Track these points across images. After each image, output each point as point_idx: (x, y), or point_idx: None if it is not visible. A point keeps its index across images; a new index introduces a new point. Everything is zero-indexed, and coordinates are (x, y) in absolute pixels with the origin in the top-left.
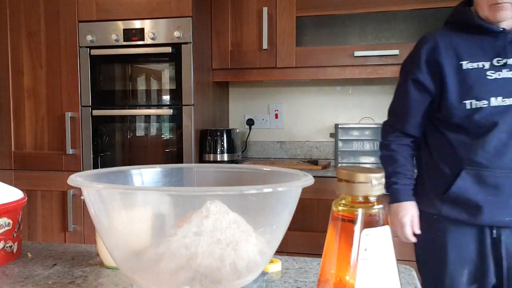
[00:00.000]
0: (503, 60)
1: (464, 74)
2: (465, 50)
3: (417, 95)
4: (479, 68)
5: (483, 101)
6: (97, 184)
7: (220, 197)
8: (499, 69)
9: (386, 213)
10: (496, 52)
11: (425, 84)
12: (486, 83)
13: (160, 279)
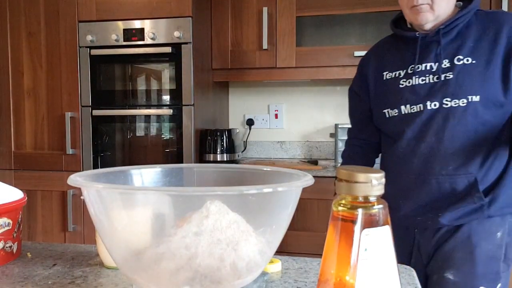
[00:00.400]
0: (415, 66)
1: (384, 84)
2: (388, 61)
3: (357, 104)
4: (395, 78)
5: (395, 109)
6: (97, 184)
7: (220, 197)
8: (410, 77)
9: (386, 213)
10: (412, 59)
11: (360, 95)
12: (398, 91)
13: (160, 279)
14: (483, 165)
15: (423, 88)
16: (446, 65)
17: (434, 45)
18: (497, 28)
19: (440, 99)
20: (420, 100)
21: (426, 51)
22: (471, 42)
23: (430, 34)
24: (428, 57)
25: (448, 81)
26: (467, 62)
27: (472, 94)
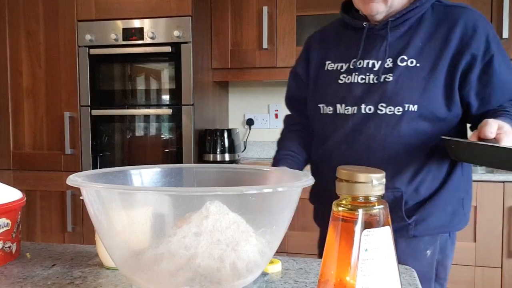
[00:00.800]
0: (357, 62)
1: (325, 76)
2: (332, 50)
3: (299, 87)
4: (336, 70)
5: (330, 107)
6: (96, 184)
7: (220, 197)
8: (350, 73)
9: (387, 214)
10: (355, 53)
11: (303, 79)
12: (337, 87)
13: (160, 279)
14: (413, 180)
15: (360, 88)
16: (389, 65)
17: (381, 39)
18: (450, 26)
19: (376, 103)
20: (355, 102)
21: (371, 45)
22: (419, 41)
23: (378, 26)
24: (372, 53)
25: (386, 84)
26: (411, 64)
27: (410, 102)
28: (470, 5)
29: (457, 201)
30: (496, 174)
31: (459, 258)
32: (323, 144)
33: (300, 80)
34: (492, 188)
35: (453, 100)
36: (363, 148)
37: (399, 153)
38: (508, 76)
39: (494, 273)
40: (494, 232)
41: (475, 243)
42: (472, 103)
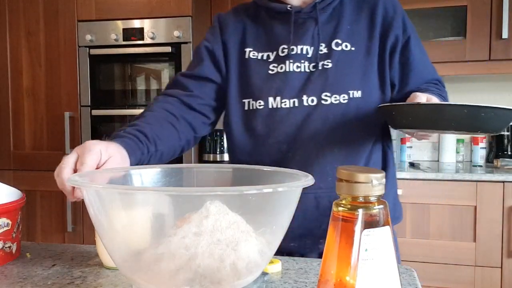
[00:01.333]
0: (289, 48)
1: (247, 65)
2: (251, 35)
3: (209, 65)
4: (262, 60)
5: (260, 101)
6: (96, 184)
7: (220, 197)
8: (283, 61)
9: (387, 213)
10: (284, 39)
11: (217, 58)
12: (266, 78)
13: (160, 279)
14: None
15: (299, 78)
16: (323, 51)
17: (311, 23)
18: (371, 7)
19: (319, 93)
20: (295, 94)
21: (301, 30)
22: (347, 23)
23: (305, 9)
24: (304, 38)
25: (326, 70)
26: (346, 48)
27: (354, 88)
28: (469, 5)
29: (394, 192)
30: (496, 174)
31: (459, 258)
32: (256, 146)
33: (217, 62)
34: (492, 188)
35: (386, 83)
36: (310, 146)
37: (349, 146)
38: (422, 57)
39: (494, 273)
40: (494, 232)
41: (475, 243)
42: (397, 85)
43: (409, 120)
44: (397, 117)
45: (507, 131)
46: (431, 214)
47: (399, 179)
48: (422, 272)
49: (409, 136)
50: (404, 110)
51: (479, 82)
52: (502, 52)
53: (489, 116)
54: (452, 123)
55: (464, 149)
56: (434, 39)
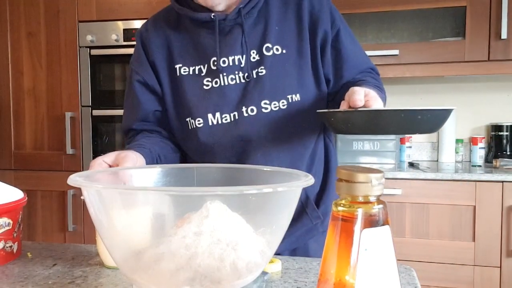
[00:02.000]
0: (219, 60)
1: (180, 83)
2: (178, 49)
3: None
4: (194, 75)
5: (199, 119)
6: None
7: (220, 197)
8: (216, 75)
9: (386, 213)
10: (211, 51)
11: (152, 86)
12: (202, 95)
13: (160, 279)
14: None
15: (235, 89)
16: (255, 58)
17: (237, 30)
18: (298, 2)
19: (257, 102)
20: (234, 107)
21: (228, 39)
22: (275, 24)
23: (230, 16)
24: (233, 47)
25: (261, 78)
26: (277, 52)
27: (291, 93)
28: (468, 6)
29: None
30: (495, 174)
31: (458, 258)
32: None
33: (154, 91)
34: (491, 188)
35: (321, 80)
36: (257, 155)
37: (293, 149)
38: (354, 48)
39: (493, 273)
40: (493, 231)
41: (474, 243)
42: (331, 79)
43: (347, 126)
44: (335, 124)
45: (506, 131)
46: (431, 214)
47: (398, 179)
48: (421, 272)
49: (409, 136)
50: (341, 116)
51: (478, 83)
52: (501, 52)
53: (426, 118)
54: (391, 127)
55: (463, 149)
56: (434, 39)
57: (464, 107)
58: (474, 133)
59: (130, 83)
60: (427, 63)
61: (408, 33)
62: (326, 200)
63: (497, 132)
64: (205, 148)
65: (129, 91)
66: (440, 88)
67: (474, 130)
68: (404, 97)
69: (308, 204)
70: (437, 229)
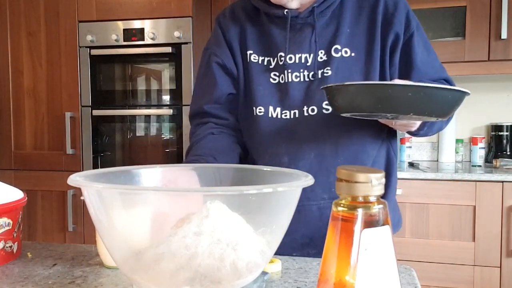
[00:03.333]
0: (286, 57)
1: (249, 69)
2: (252, 37)
3: (223, 79)
4: (263, 66)
5: (260, 107)
6: (97, 184)
7: (220, 197)
8: (282, 70)
9: (386, 213)
10: (280, 46)
11: (228, 67)
12: (268, 87)
13: (160, 279)
14: None
15: (299, 88)
16: (323, 58)
17: (308, 29)
18: (372, 6)
19: (319, 102)
20: (296, 105)
21: (298, 36)
22: (347, 27)
23: (303, 14)
24: (302, 45)
25: (326, 78)
26: (346, 54)
27: None
28: (468, 6)
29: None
30: (495, 174)
31: (458, 258)
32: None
33: (231, 74)
34: (491, 188)
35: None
36: (311, 157)
37: (353, 155)
38: (427, 56)
39: (493, 273)
40: (493, 231)
41: (474, 243)
42: None
43: (352, 103)
44: (340, 100)
45: (506, 131)
46: (431, 214)
47: (399, 179)
48: (421, 272)
49: (409, 136)
50: (346, 91)
51: (479, 83)
52: (501, 52)
53: (437, 98)
54: (399, 106)
55: (463, 149)
56: (434, 39)
57: (464, 107)
58: (474, 133)
59: (208, 64)
60: None
61: None
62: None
63: (497, 132)
64: (261, 139)
65: (206, 73)
66: None
67: (474, 130)
68: None
69: None
70: (437, 229)
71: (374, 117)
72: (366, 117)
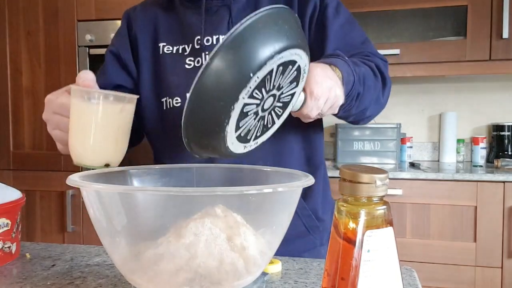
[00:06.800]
0: (203, 39)
1: (161, 61)
2: (163, 28)
3: (119, 74)
4: (177, 54)
5: (176, 98)
6: (96, 184)
7: (220, 197)
8: (199, 53)
9: (390, 214)
10: (197, 30)
11: (127, 64)
12: (183, 74)
13: (159, 280)
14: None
15: None
16: None
17: (225, 11)
18: None
19: None
20: None
21: (215, 19)
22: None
23: None
24: (219, 27)
25: None
26: None
27: None
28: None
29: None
30: (496, 174)
31: (459, 258)
32: (179, 150)
33: (125, 66)
34: (493, 188)
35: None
36: None
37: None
38: (344, 27)
39: (495, 273)
40: (494, 232)
41: (475, 243)
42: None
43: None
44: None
45: (507, 131)
46: (432, 214)
47: (399, 179)
48: (422, 272)
49: (410, 136)
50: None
51: (480, 82)
52: (502, 52)
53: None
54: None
55: (465, 149)
56: (435, 39)
57: (465, 107)
58: (475, 133)
59: (105, 53)
60: (428, 63)
61: (409, 32)
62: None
63: (499, 132)
64: (176, 133)
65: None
66: (441, 88)
67: (476, 130)
68: (404, 96)
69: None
70: (438, 229)
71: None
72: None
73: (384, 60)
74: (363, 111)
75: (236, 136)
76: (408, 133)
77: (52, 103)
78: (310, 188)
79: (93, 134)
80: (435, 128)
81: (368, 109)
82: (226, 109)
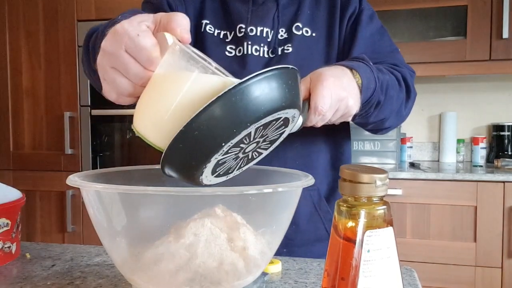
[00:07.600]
0: (247, 28)
1: (202, 39)
2: (210, 9)
3: None
4: (219, 38)
5: None
6: (96, 184)
7: (220, 197)
8: (241, 42)
9: (390, 214)
10: (241, 18)
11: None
12: (223, 60)
13: (160, 280)
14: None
15: (257, 63)
16: (283, 36)
17: (272, 4)
18: None
19: None
20: None
21: (261, 10)
22: (307, 8)
23: None
24: (264, 19)
25: (287, 56)
26: (307, 34)
27: None
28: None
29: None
30: (497, 174)
31: (459, 258)
32: None
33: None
34: (492, 188)
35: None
36: None
37: (309, 138)
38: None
39: (495, 273)
40: (494, 232)
41: (475, 243)
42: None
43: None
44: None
45: (507, 131)
46: (432, 214)
47: (399, 179)
48: (422, 273)
49: (410, 136)
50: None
51: (480, 82)
52: (502, 52)
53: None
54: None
55: (465, 149)
56: (435, 39)
57: (465, 107)
58: (475, 133)
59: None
60: (428, 63)
61: (408, 32)
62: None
63: (499, 132)
64: None
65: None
66: (441, 88)
67: (475, 130)
68: None
69: (320, 201)
70: (438, 229)
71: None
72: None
73: (412, 71)
74: (382, 120)
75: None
76: (408, 133)
77: (126, 38)
78: (334, 192)
79: (172, 110)
80: (435, 128)
81: (388, 119)
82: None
